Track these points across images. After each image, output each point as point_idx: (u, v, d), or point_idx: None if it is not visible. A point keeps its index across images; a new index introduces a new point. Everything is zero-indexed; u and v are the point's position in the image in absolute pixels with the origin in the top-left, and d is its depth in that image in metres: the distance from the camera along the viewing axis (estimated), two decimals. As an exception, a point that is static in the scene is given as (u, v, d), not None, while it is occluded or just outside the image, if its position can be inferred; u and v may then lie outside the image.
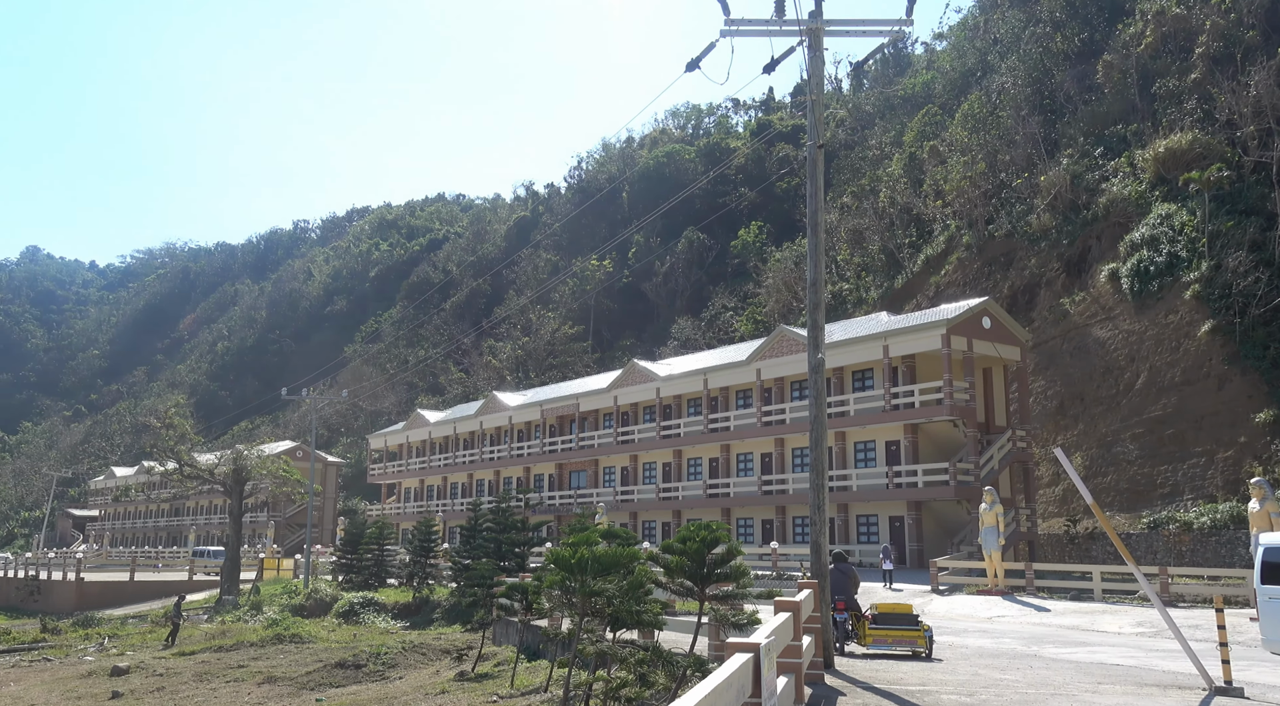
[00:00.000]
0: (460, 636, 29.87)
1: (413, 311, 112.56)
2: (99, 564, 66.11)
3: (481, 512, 35.63)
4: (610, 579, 16.09)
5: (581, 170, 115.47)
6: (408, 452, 69.77)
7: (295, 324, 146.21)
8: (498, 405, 60.01)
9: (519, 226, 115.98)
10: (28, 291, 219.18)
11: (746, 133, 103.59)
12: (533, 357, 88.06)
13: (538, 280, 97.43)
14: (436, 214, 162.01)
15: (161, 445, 49.97)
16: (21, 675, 29.67)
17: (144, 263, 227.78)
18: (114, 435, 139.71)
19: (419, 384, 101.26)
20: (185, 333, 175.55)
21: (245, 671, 27.25)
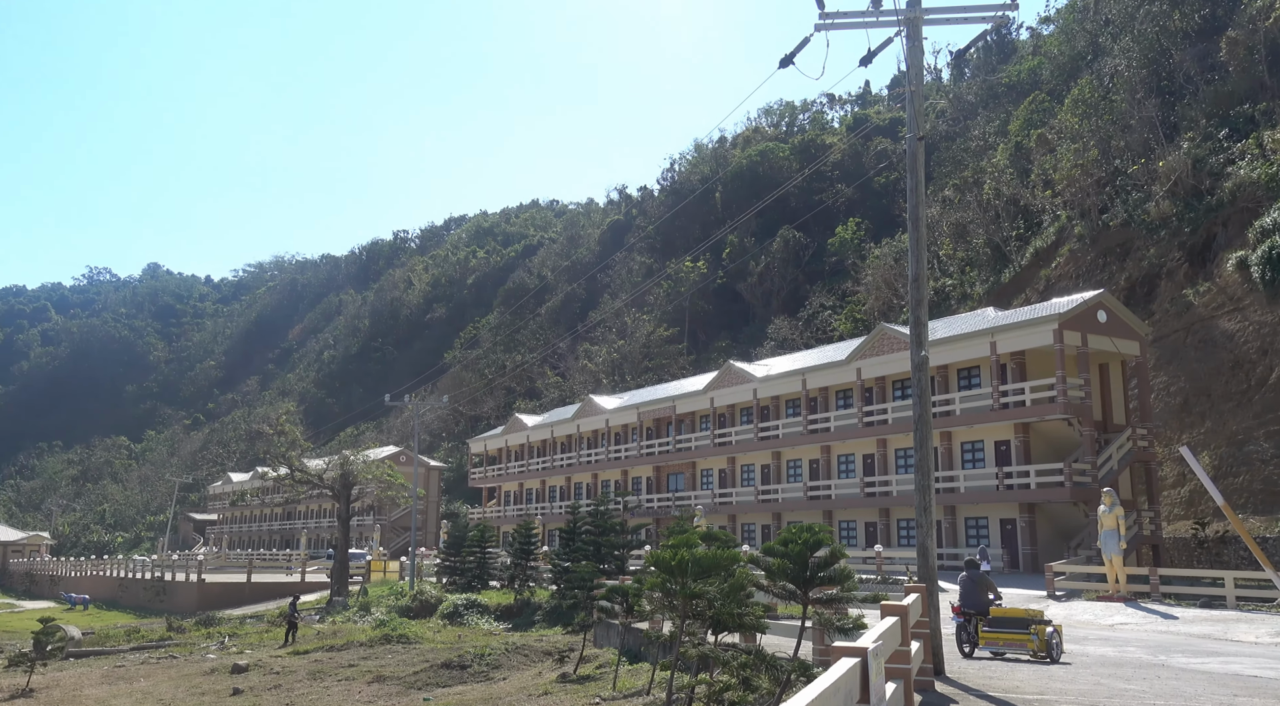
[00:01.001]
0: (561, 638, 29.97)
1: (509, 317, 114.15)
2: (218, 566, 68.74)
3: (580, 515, 35.73)
4: (711, 581, 15.85)
5: (674, 172, 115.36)
6: (507, 457, 70.64)
7: (397, 332, 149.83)
8: (594, 408, 60.25)
9: (612, 230, 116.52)
10: (150, 306, 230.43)
11: (842, 128, 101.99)
12: (628, 360, 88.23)
13: (632, 283, 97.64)
14: (531, 220, 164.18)
15: (274, 451, 51.57)
16: (151, 671, 30.91)
17: (255, 276, 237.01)
18: (230, 442, 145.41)
19: (516, 388, 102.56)
20: (294, 342, 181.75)
21: (356, 670, 27.82)
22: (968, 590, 15.73)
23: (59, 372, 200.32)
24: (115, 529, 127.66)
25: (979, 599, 15.74)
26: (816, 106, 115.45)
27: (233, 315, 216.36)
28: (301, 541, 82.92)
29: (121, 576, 67.33)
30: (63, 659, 33.21)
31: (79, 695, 26.98)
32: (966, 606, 15.79)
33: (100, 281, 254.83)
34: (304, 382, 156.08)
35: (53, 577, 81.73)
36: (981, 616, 15.85)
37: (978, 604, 15.70)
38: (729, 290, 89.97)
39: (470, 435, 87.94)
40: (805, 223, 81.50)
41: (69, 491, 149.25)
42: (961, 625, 15.80)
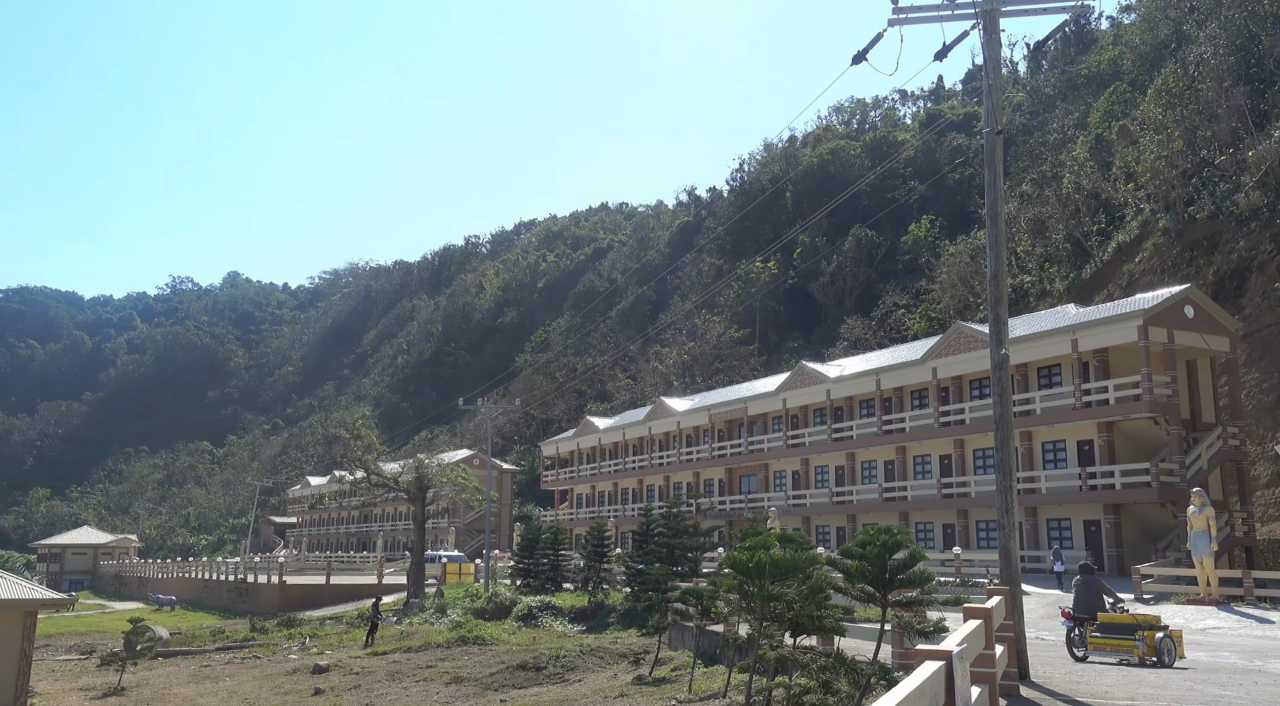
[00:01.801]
0: (636, 640, 29.91)
1: (580, 320, 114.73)
2: (298, 568, 70.27)
3: (653, 518, 35.65)
4: (789, 584, 15.67)
5: (743, 172, 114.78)
6: (578, 459, 70.97)
7: (469, 336, 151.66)
8: (665, 411, 60.18)
9: (682, 232, 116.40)
10: (230, 314, 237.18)
11: (915, 124, 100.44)
12: (699, 362, 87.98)
13: (702, 285, 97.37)
14: (600, 223, 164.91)
15: (350, 455, 52.44)
16: (235, 671, 31.69)
17: (330, 283, 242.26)
18: (308, 446, 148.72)
19: (588, 391, 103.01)
20: (368, 348, 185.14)
21: (433, 671, 28.13)
22: (1081, 594, 15.55)
23: (145, 379, 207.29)
24: (199, 531, 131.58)
25: (1092, 603, 15.48)
26: (888, 103, 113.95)
27: (309, 322, 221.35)
28: (378, 544, 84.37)
29: (206, 578, 69.18)
30: (152, 658, 34.22)
31: (168, 693, 27.76)
32: (1079, 611, 15.58)
33: (183, 290, 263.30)
34: (379, 387, 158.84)
35: (141, 579, 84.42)
36: (1092, 621, 15.57)
37: (1090, 608, 15.40)
38: (800, 290, 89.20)
39: (542, 438, 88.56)
40: (878, 221, 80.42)
41: (155, 495, 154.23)
42: (1071, 629, 15.67)
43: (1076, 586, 15.80)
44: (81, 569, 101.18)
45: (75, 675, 33.08)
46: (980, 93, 15.24)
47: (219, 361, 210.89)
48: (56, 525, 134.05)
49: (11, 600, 26.56)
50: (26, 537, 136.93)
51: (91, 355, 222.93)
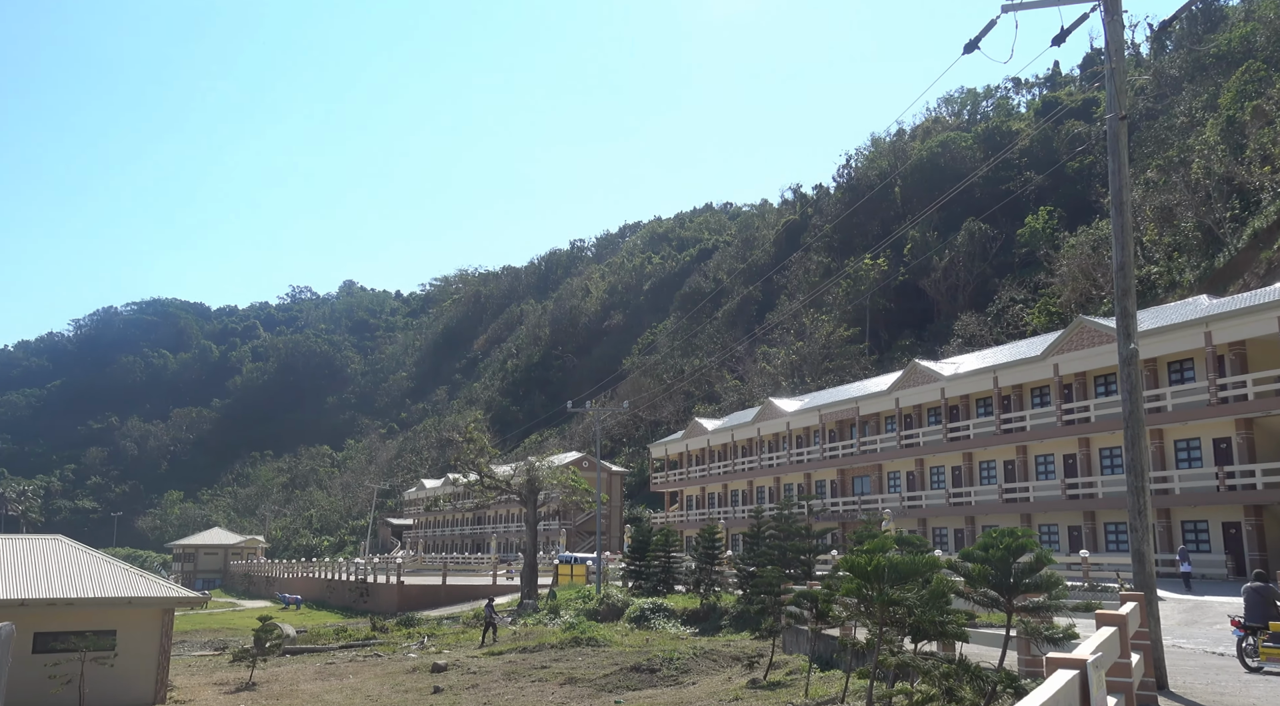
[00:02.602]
0: (749, 643, 29.65)
1: (686, 322, 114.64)
2: (415, 569, 72.16)
3: (764, 519, 35.30)
4: (908, 587, 15.28)
5: (850, 168, 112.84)
6: (687, 461, 70.86)
7: (576, 339, 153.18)
8: (774, 411, 59.56)
9: (788, 230, 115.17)
10: (346, 321, 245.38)
11: (1030, 113, 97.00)
12: (808, 362, 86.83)
13: (809, 283, 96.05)
14: (705, 224, 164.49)
15: (463, 458, 53.51)
16: (358, 668, 32.64)
17: (441, 289, 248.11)
18: (422, 450, 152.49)
19: (695, 393, 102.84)
20: (479, 352, 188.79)
21: (548, 672, 28.39)
22: (1252, 603, 14.82)
23: (268, 386, 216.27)
24: (321, 533, 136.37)
25: (1265, 612, 14.71)
26: (1001, 92, 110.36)
27: (421, 328, 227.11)
28: (491, 545, 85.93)
29: (329, 578, 71.60)
30: (280, 655, 35.48)
31: (295, 689, 28.74)
32: (1251, 620, 14.82)
33: (302, 299, 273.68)
34: (489, 391, 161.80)
35: (268, 578, 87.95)
36: (1265, 630, 14.77)
37: (1264, 617, 14.63)
38: (911, 287, 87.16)
39: (650, 440, 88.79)
40: (992, 214, 77.96)
41: (280, 498, 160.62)
42: (1243, 639, 15.01)
43: (1247, 594, 15.02)
44: (213, 568, 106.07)
45: (210, 670, 34.57)
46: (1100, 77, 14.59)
47: (336, 367, 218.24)
48: (190, 526, 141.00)
49: (151, 598, 28.00)
50: (163, 538, 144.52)
51: (219, 363, 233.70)
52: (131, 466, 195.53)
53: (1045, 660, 6.30)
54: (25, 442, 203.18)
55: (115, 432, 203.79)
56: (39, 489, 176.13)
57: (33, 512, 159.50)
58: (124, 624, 27.30)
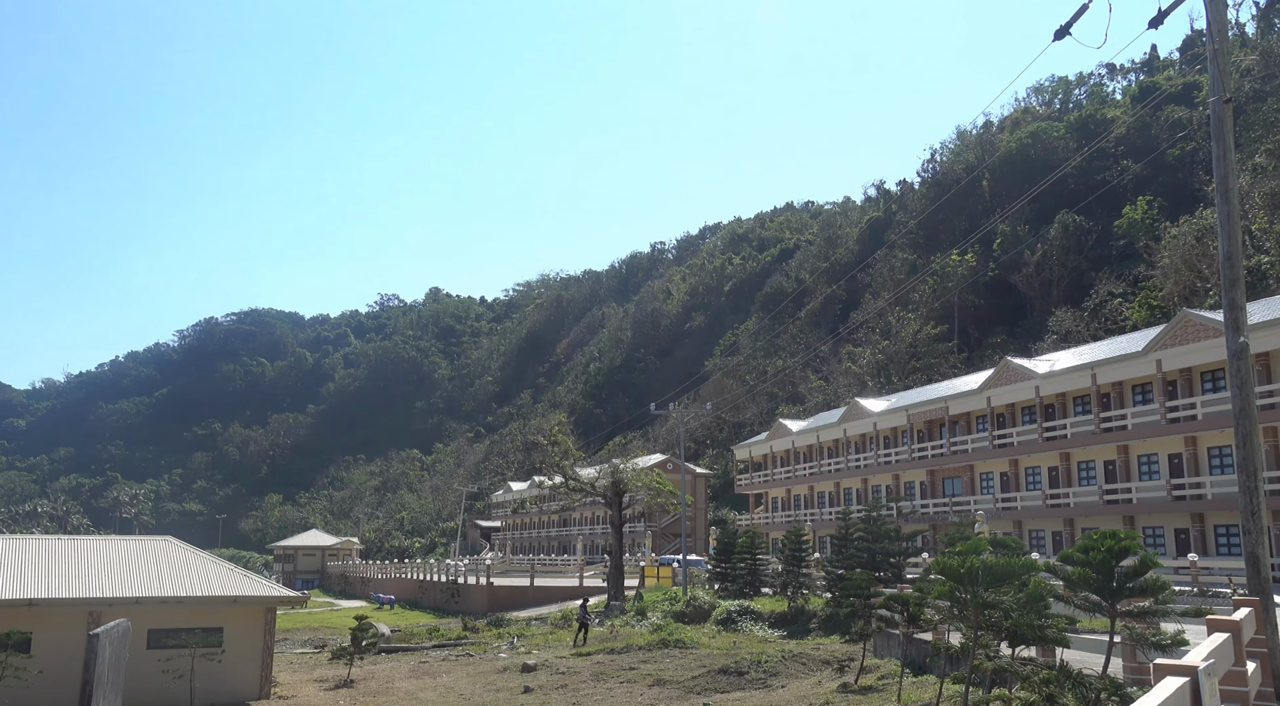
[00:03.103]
0: (839, 647, 29.29)
1: (768, 322, 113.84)
2: (503, 570, 73.13)
3: (851, 521, 34.91)
4: (1004, 590, 14.93)
5: (935, 163, 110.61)
6: (772, 462, 70.31)
7: (658, 342, 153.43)
8: (860, 412, 58.68)
9: (871, 228, 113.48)
10: (432, 328, 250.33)
11: (1126, 99, 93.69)
12: (894, 361, 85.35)
13: (895, 281, 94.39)
14: (786, 223, 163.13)
15: (549, 461, 54.01)
16: (450, 667, 33.22)
17: (524, 294, 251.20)
18: (508, 453, 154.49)
19: (779, 394, 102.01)
20: (562, 356, 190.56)
21: (636, 673, 28.46)
22: None
23: (360, 392, 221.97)
24: (413, 534, 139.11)
25: None
26: (1095, 79, 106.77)
27: (505, 333, 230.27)
28: (577, 547, 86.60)
29: (421, 579, 73.03)
30: (375, 653, 36.32)
31: (391, 687, 29.38)
32: None
33: (390, 307, 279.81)
34: (573, 394, 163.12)
35: (363, 579, 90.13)
36: None
37: None
38: (1002, 283, 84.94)
39: (734, 441, 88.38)
40: (1086, 205, 75.44)
41: (373, 500, 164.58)
42: None
43: None
44: (311, 569, 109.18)
45: (310, 667, 35.56)
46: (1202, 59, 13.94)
47: (424, 373, 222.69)
48: (288, 528, 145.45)
49: (255, 597, 29.02)
50: (264, 539, 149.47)
51: (313, 371, 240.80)
52: (234, 471, 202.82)
53: (1153, 667, 6.09)
54: (136, 449, 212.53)
55: (218, 438, 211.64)
56: (149, 492, 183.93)
57: (144, 515, 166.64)
58: (230, 621, 28.33)
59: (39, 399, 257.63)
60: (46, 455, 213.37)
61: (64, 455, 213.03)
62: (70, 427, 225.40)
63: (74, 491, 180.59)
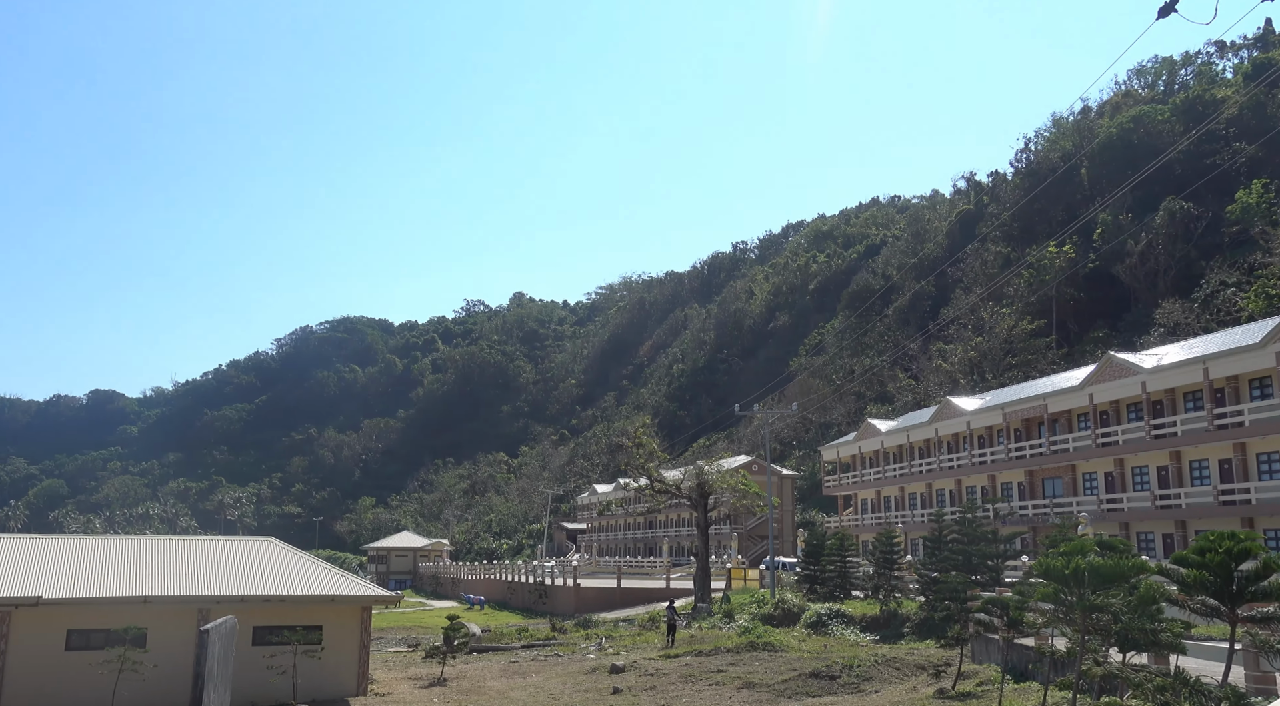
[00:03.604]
0: (934, 652, 28.65)
1: (854, 320, 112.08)
2: (589, 572, 73.44)
3: (945, 523, 34.21)
4: (1113, 593, 14.33)
5: (1029, 152, 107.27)
6: (860, 463, 69.09)
7: (741, 342, 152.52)
8: (953, 410, 57.18)
9: (961, 221, 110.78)
10: (517, 332, 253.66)
11: (1238, 78, 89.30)
12: (988, 358, 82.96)
13: (987, 276, 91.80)
14: (872, 219, 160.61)
15: (633, 463, 53.97)
16: (540, 667, 33.39)
17: (606, 297, 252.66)
18: (593, 455, 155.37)
19: (866, 393, 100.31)
20: (644, 358, 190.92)
21: (725, 676, 28.20)
22: None
23: (447, 397, 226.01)
24: (500, 536, 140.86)
25: None
26: (1202, 58, 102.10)
27: (588, 336, 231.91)
28: (663, 549, 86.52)
29: (509, 580, 73.83)
30: (467, 653, 36.74)
31: (483, 686, 29.62)
32: None
33: (476, 312, 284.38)
34: (656, 396, 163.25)
35: (454, 580, 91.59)
36: None
37: None
38: (1103, 274, 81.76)
39: (821, 442, 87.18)
40: (1195, 191, 72.15)
41: (461, 503, 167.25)
42: None
43: None
44: (404, 570, 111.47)
45: (404, 665, 36.14)
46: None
47: (510, 377, 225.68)
48: (381, 530, 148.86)
49: (352, 596, 29.65)
50: (358, 541, 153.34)
51: (402, 376, 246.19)
52: (329, 474, 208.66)
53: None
54: (239, 453, 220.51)
55: (314, 443, 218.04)
56: (251, 495, 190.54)
57: (247, 517, 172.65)
58: (328, 620, 29.02)
59: (150, 407, 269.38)
60: (157, 460, 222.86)
61: (173, 460, 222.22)
62: (178, 434, 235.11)
63: (182, 494, 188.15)
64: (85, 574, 28.04)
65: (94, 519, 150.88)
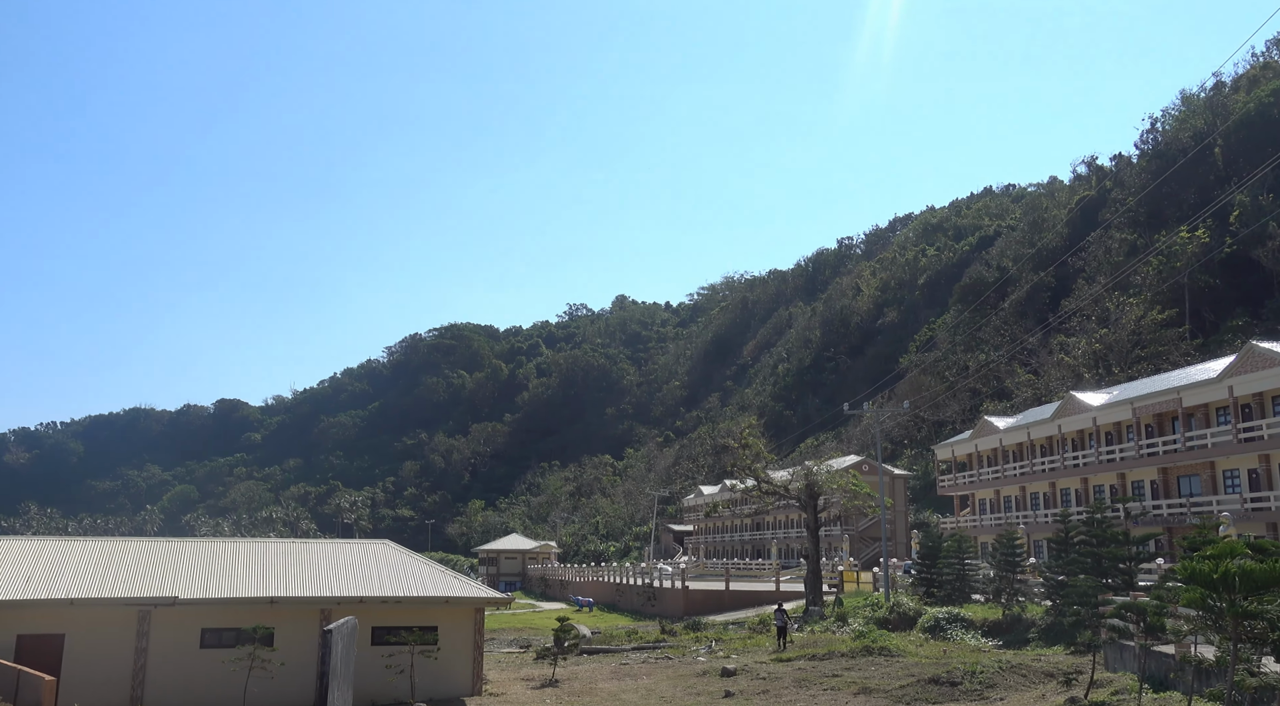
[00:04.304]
0: (1062, 658, 27.56)
1: (968, 315, 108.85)
2: (697, 574, 73.15)
3: (1072, 524, 32.96)
4: (1267, 598, 13.38)
5: (1156, 133, 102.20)
6: (977, 462, 66.91)
7: (848, 340, 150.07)
8: (1077, 406, 54.77)
9: (1082, 208, 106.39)
10: (619, 335, 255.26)
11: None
12: (1114, 351, 79.22)
13: (1111, 264, 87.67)
14: (985, 209, 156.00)
15: (739, 464, 53.48)
16: (650, 669, 33.31)
17: (708, 298, 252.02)
18: (698, 456, 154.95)
19: (982, 390, 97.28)
20: (748, 358, 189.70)
21: (840, 681, 27.63)
22: None
23: (552, 400, 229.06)
24: (607, 538, 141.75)
25: None
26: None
27: (691, 337, 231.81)
28: (772, 551, 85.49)
29: (617, 582, 74.07)
30: (577, 654, 36.96)
31: (594, 687, 29.67)
32: None
33: (578, 316, 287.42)
34: (761, 396, 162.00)
35: (562, 582, 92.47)
36: None
37: None
38: (1241, 259, 77.07)
39: (934, 441, 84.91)
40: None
41: (568, 505, 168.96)
42: None
43: None
44: (513, 572, 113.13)
45: (516, 666, 36.53)
46: None
47: (613, 380, 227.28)
48: (490, 533, 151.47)
49: (465, 597, 30.14)
50: (468, 543, 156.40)
51: (508, 381, 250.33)
52: (440, 478, 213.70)
53: None
54: (354, 458, 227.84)
55: (425, 447, 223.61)
56: (366, 499, 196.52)
57: (363, 520, 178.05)
58: (443, 621, 29.60)
59: (271, 415, 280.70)
60: (279, 466, 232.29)
61: (293, 465, 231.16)
62: (298, 440, 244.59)
63: (302, 498, 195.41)
64: (216, 575, 29.21)
65: (222, 522, 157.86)
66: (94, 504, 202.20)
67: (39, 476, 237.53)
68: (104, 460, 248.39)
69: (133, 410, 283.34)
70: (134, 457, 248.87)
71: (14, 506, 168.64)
